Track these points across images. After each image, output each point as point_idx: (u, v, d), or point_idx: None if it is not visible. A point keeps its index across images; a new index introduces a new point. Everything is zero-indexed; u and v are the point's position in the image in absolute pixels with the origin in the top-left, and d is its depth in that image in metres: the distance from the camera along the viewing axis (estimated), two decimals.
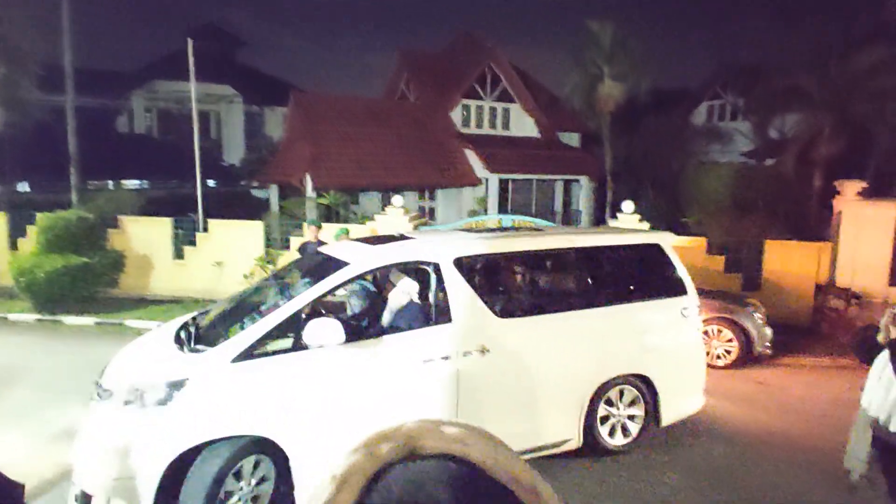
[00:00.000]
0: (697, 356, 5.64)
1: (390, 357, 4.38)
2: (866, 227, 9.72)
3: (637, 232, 6.09)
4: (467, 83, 19.86)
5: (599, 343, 5.11)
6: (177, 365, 3.98)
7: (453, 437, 0.54)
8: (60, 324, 9.47)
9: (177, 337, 4.42)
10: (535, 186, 20.32)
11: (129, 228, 11.51)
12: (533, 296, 5.61)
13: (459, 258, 4.77)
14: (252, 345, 3.99)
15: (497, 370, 4.66)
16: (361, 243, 5.28)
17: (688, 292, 5.54)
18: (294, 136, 18.30)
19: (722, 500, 4.61)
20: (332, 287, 4.41)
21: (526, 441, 4.78)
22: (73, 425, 5.63)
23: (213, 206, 14.76)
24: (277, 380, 4.01)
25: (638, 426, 5.35)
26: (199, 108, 14.02)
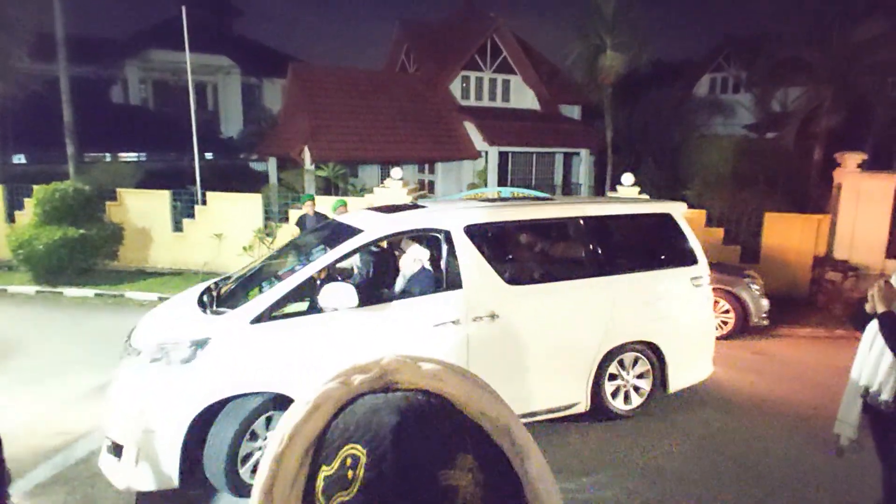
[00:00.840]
0: (707, 325, 5.71)
1: (401, 321, 4.54)
2: (865, 199, 9.70)
3: (649, 202, 6.14)
4: (468, 54, 19.57)
5: (608, 311, 5.21)
6: (200, 325, 4.20)
7: (429, 372, 0.54)
8: (60, 295, 9.51)
9: (200, 300, 4.65)
10: (535, 159, 20.19)
11: (127, 201, 11.47)
12: (542, 264, 5.73)
13: (470, 226, 4.88)
14: (270, 307, 4.19)
15: (506, 335, 4.80)
16: (375, 212, 5.40)
17: (699, 262, 5.59)
18: (293, 109, 18.12)
19: (716, 465, 4.69)
20: (346, 253, 4.58)
21: (535, 403, 4.97)
22: (77, 392, 5.71)
23: (212, 178, 14.69)
24: (294, 340, 4.20)
25: (645, 392, 5.49)
26: (195, 79, 13.84)
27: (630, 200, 6.51)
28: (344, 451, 0.47)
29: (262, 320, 4.15)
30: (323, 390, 0.53)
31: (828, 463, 4.59)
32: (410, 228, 4.97)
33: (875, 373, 3.28)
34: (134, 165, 18.05)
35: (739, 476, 4.55)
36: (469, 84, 20.13)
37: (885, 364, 3.22)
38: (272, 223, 11.14)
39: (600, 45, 17.35)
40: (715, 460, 4.78)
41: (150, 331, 4.37)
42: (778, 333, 8.36)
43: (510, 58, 20.23)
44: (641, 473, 4.55)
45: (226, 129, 27.45)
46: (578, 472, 4.55)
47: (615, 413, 5.38)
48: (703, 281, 5.61)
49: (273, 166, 18.84)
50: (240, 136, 25.35)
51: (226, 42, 27.60)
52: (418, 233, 5.03)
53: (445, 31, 21.05)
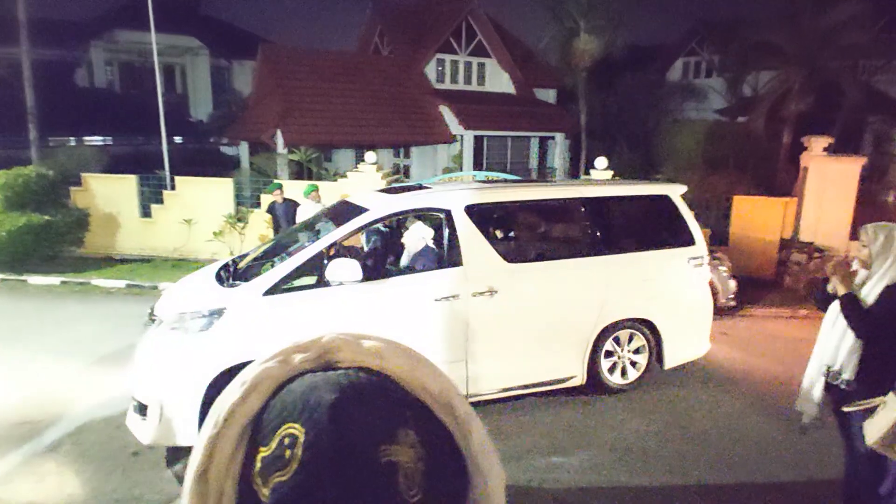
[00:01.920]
0: (704, 304, 5.84)
1: (403, 295, 4.81)
2: (830, 182, 9.92)
3: (647, 184, 6.31)
4: (442, 37, 19.38)
5: (604, 288, 5.38)
6: (217, 296, 4.53)
7: (370, 349, 0.53)
8: (25, 283, 9.25)
9: (217, 275, 4.99)
10: (511, 143, 20.19)
11: (92, 186, 11.17)
12: (540, 243, 5.94)
13: (471, 206, 5.09)
14: (280, 280, 4.53)
15: (504, 310, 5.02)
16: (381, 192, 5.70)
17: (696, 243, 5.73)
18: (264, 91, 17.78)
19: (681, 442, 4.80)
20: (352, 230, 4.86)
21: (533, 375, 5.24)
22: (47, 380, 5.59)
23: (181, 163, 14.40)
24: (302, 311, 4.51)
25: (641, 367, 5.67)
26: (163, 60, 13.49)
27: (630, 183, 6.69)
28: (282, 430, 0.46)
29: (273, 292, 4.48)
30: (261, 369, 0.51)
31: (792, 440, 4.73)
32: (413, 208, 5.19)
33: (836, 352, 3.36)
34: (100, 150, 17.54)
35: (703, 453, 4.67)
36: (444, 67, 19.98)
37: (847, 344, 3.29)
38: (244, 208, 10.97)
39: (574, 28, 17.37)
40: (680, 438, 4.89)
41: (172, 301, 4.69)
42: (744, 314, 8.55)
43: (485, 41, 20.10)
44: (609, 451, 4.64)
45: (195, 113, 26.84)
46: (548, 451, 4.62)
47: (611, 387, 5.57)
48: (701, 261, 5.76)
49: (245, 150, 18.52)
50: (210, 120, 24.79)
51: (194, 22, 26.88)
52: (421, 212, 5.28)
53: (419, 12, 20.79)
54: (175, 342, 4.33)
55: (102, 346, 6.52)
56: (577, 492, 4.14)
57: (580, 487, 4.18)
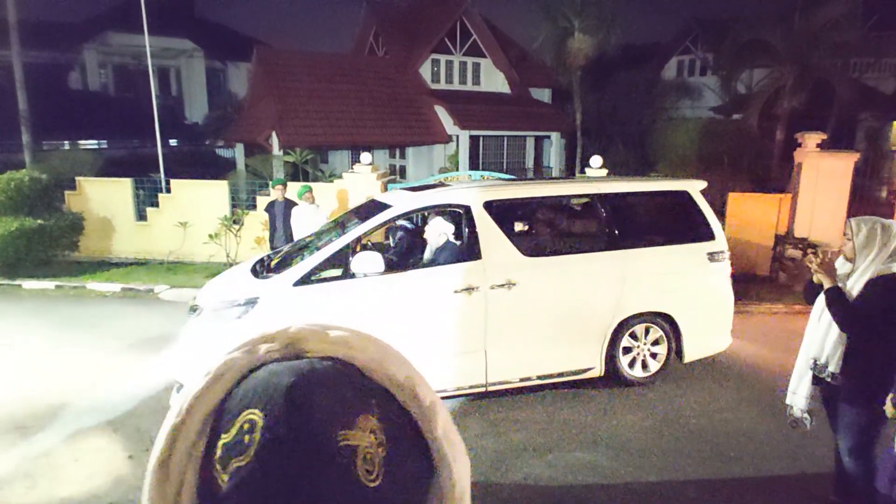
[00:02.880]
0: (724, 298, 5.86)
1: (424, 286, 5.06)
2: (824, 178, 9.94)
3: (667, 180, 6.40)
4: (437, 37, 19.39)
5: (621, 282, 5.47)
6: (251, 287, 4.97)
7: (337, 339, 0.53)
8: (20, 288, 9.22)
9: (253, 268, 5.43)
10: (507, 142, 20.21)
11: (87, 190, 11.13)
12: (558, 237, 6.06)
13: (489, 202, 5.29)
14: (309, 272, 4.89)
15: (522, 302, 5.19)
16: (405, 190, 6.02)
17: (716, 238, 5.76)
18: (259, 93, 17.77)
19: (677, 438, 4.81)
20: (376, 225, 5.17)
21: (551, 366, 5.40)
22: (32, 394, 5.57)
23: (177, 166, 14.36)
24: (329, 300, 4.84)
25: (660, 361, 5.78)
26: (157, 63, 13.48)
27: (649, 179, 6.76)
28: (242, 416, 0.46)
29: (303, 283, 4.84)
30: (225, 360, 0.51)
31: (785, 434, 4.74)
32: (433, 204, 5.40)
33: (822, 345, 3.38)
34: (94, 153, 17.49)
35: (699, 449, 4.67)
36: (439, 67, 19.98)
37: (833, 337, 3.31)
38: (239, 210, 10.95)
39: (568, 27, 17.39)
40: (676, 434, 4.90)
41: (211, 292, 5.17)
42: (739, 310, 8.54)
43: (480, 41, 20.11)
44: (606, 447, 4.65)
45: (190, 115, 26.81)
46: (543, 450, 4.62)
47: (629, 379, 5.66)
48: (720, 256, 5.79)
49: (240, 152, 18.50)
50: (205, 122, 24.75)
51: (188, 25, 26.84)
52: (441, 208, 5.45)
53: (414, 13, 20.81)
54: (214, 329, 4.69)
55: (99, 350, 6.50)
56: (581, 489, 4.14)
57: (583, 485, 4.19)
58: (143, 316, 7.88)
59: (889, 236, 3.16)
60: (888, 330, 3.14)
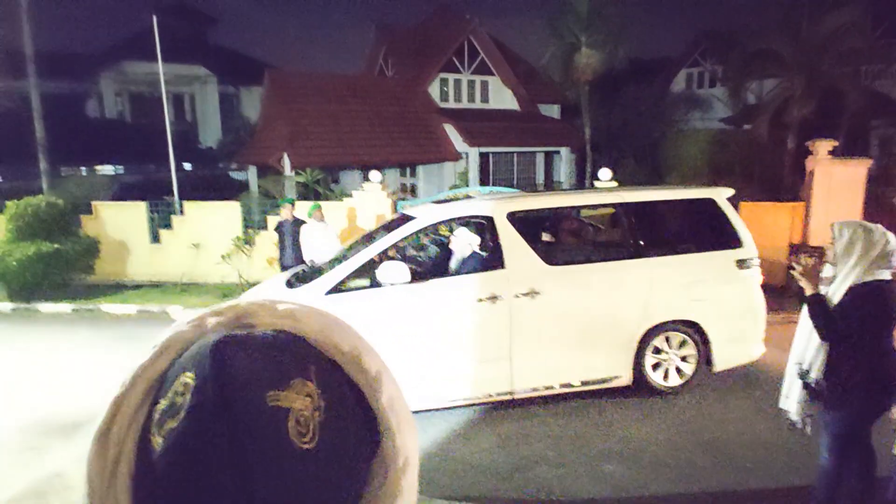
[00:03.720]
0: (754, 306, 5.75)
1: (448, 295, 5.18)
2: (837, 186, 9.82)
3: (692, 188, 6.36)
4: (445, 57, 19.61)
5: (647, 291, 5.46)
6: (284, 297, 4.64)
7: (284, 312, 0.54)
8: (37, 312, 9.37)
9: (288, 281, 5.67)
10: (516, 158, 20.27)
11: (102, 214, 11.34)
12: (582, 246, 6.15)
13: (512, 213, 5.40)
14: (340, 281, 5.11)
15: (546, 311, 5.25)
16: (432, 203, 6.23)
17: (744, 245, 5.71)
18: (271, 116, 18.03)
19: (691, 450, 4.72)
20: (402, 237, 5.34)
21: (577, 374, 5.44)
22: (46, 414, 5.61)
23: (191, 189, 14.59)
24: (359, 308, 5.01)
25: (690, 370, 5.70)
26: (172, 90, 13.78)
27: (674, 187, 6.75)
28: (178, 381, 0.47)
29: (334, 292, 5.06)
30: (172, 332, 0.52)
31: (803, 445, 4.63)
32: (457, 216, 5.53)
33: (805, 351, 3.34)
34: (111, 178, 17.84)
35: (714, 459, 4.58)
36: (448, 86, 20.17)
37: (815, 343, 3.26)
38: (251, 231, 11.06)
39: (575, 43, 17.50)
40: (691, 444, 4.81)
41: None
42: None
43: (487, 59, 20.30)
44: (619, 459, 4.57)
45: (204, 139, 27.28)
46: (555, 463, 4.56)
47: (658, 388, 5.63)
48: (751, 263, 5.72)
49: (253, 174, 18.74)
50: (218, 146, 25.18)
51: (202, 52, 27.45)
52: (465, 219, 5.59)
53: (422, 34, 21.09)
54: None
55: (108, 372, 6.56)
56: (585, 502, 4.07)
57: (596, 498, 4.11)
58: (157, 337, 7.93)
59: (871, 241, 3.09)
60: (867, 337, 3.10)
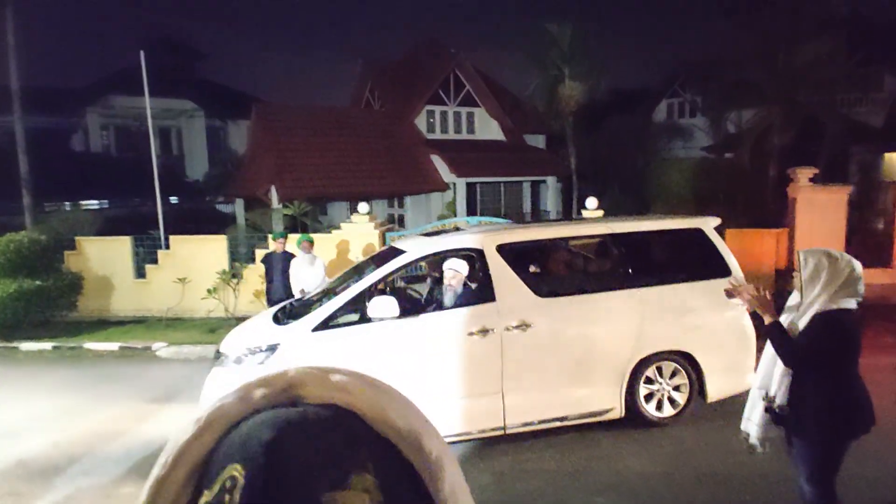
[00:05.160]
0: (744, 335, 5.72)
1: (438, 329, 5.15)
2: (819, 212, 9.99)
3: (680, 218, 6.38)
4: (431, 89, 19.87)
5: (638, 321, 5.46)
6: (272, 333, 5.16)
7: (337, 384, 0.49)
8: (16, 350, 9.13)
9: (275, 316, 5.62)
10: (503, 188, 20.41)
11: (86, 249, 11.17)
12: (572, 277, 6.10)
13: (501, 245, 5.39)
14: (327, 318, 5.04)
15: (538, 343, 5.22)
16: (421, 236, 6.26)
17: (732, 274, 5.69)
18: (258, 149, 18.06)
19: (690, 482, 4.64)
20: (392, 271, 5.32)
21: (569, 408, 5.36)
22: (26, 458, 5.42)
23: (177, 223, 14.43)
24: (347, 344, 4.99)
25: (682, 400, 5.65)
26: (159, 123, 13.78)
27: (662, 217, 6.76)
28: (225, 472, 0.42)
29: (321, 329, 5.00)
30: (217, 406, 0.47)
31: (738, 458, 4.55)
32: (447, 249, 5.54)
33: (770, 376, 3.34)
34: (95, 213, 17.66)
35: (713, 493, 4.50)
36: (434, 118, 20.39)
37: (779, 369, 3.28)
38: (238, 264, 10.95)
39: (558, 75, 17.83)
40: (688, 477, 4.73)
41: (235, 339, 5.34)
42: None
43: (473, 91, 20.60)
44: (616, 495, 4.48)
45: (191, 173, 27.21)
46: (552, 500, 4.45)
47: (651, 420, 5.58)
48: None
49: (240, 207, 18.66)
50: (205, 179, 25.09)
51: (188, 86, 27.58)
52: (454, 253, 5.56)
53: (408, 67, 21.40)
54: (237, 377, 4.72)
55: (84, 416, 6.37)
56: None
57: None
58: (139, 377, 7.75)
59: (836, 270, 3.09)
60: (830, 366, 3.12)
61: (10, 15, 12.89)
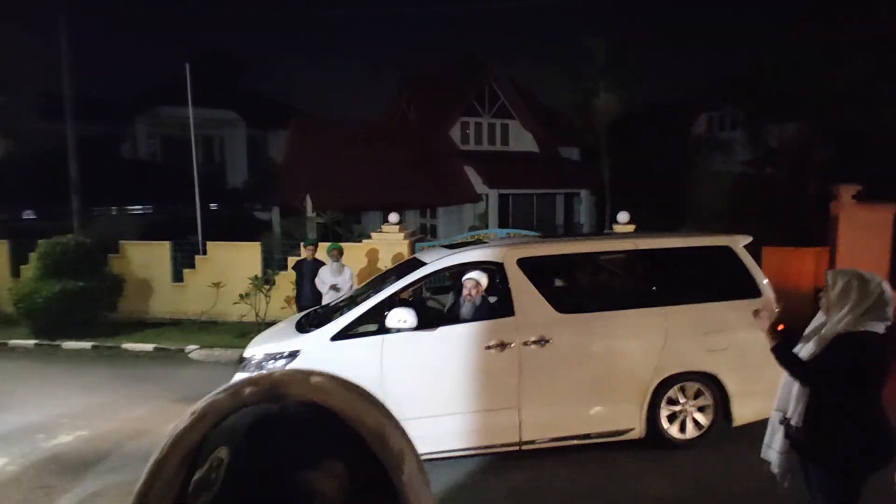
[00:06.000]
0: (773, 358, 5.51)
1: (455, 342, 5.14)
2: (862, 231, 9.62)
3: (708, 235, 6.26)
4: (466, 101, 20.04)
5: (661, 341, 5.34)
6: (294, 341, 5.25)
7: (316, 385, 0.56)
8: (58, 348, 9.53)
9: (299, 323, 5.70)
10: (536, 200, 20.35)
11: (128, 252, 11.61)
12: (594, 294, 6.05)
13: (522, 259, 5.37)
14: (345, 327, 5.11)
15: (557, 359, 5.18)
16: (443, 248, 6.29)
17: (762, 294, 5.53)
18: (295, 159, 18.50)
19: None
20: (411, 282, 5.38)
21: (587, 426, 5.27)
22: (60, 452, 5.64)
23: (216, 228, 14.86)
24: (364, 354, 5.04)
25: (706, 423, 5.50)
26: (202, 132, 14.27)
27: (689, 234, 6.64)
28: (213, 454, 0.49)
29: (339, 338, 5.07)
30: (210, 401, 0.55)
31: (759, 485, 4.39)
32: (467, 261, 5.53)
33: (788, 396, 3.25)
34: (139, 217, 18.37)
35: None
36: (469, 129, 20.52)
37: (796, 390, 3.19)
38: (270, 270, 11.19)
39: (593, 87, 17.73)
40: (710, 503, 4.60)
41: (259, 346, 5.44)
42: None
43: (508, 103, 20.66)
44: None
45: (231, 181, 28.00)
46: None
47: (673, 441, 5.44)
48: None
49: (276, 215, 19.10)
50: (244, 187, 25.82)
51: (232, 96, 28.45)
52: (474, 266, 5.55)
53: (444, 79, 21.61)
54: None
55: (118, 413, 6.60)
56: None
57: None
58: (171, 377, 7.99)
59: (866, 292, 2.99)
60: (849, 390, 3.01)
61: (65, 29, 13.60)
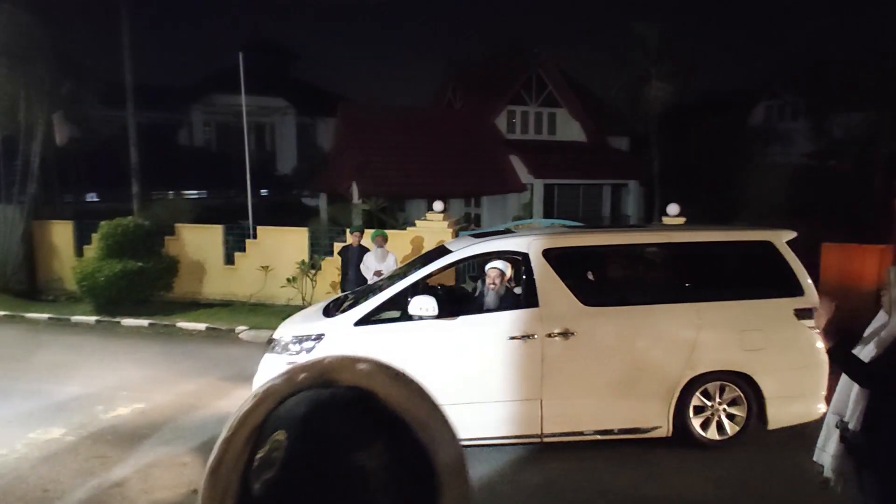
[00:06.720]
0: (814, 360, 5.22)
1: (479, 331, 5.17)
2: None
3: (749, 229, 6.06)
4: (513, 89, 19.82)
5: (692, 337, 5.19)
6: (319, 325, 5.39)
7: (362, 371, 0.62)
8: (118, 325, 10.03)
9: (326, 308, 5.83)
10: (582, 191, 20.03)
11: (183, 235, 12.08)
12: (623, 287, 5.99)
13: (548, 250, 5.29)
14: (369, 313, 5.20)
15: (581, 352, 5.10)
16: (469, 237, 6.29)
17: (804, 293, 5.30)
18: (342, 146, 18.76)
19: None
20: (435, 270, 5.40)
21: (610, 421, 5.16)
22: (117, 424, 5.95)
23: (266, 214, 15.29)
24: (386, 339, 5.15)
25: (738, 424, 5.33)
26: (254, 120, 14.63)
27: (727, 228, 6.46)
28: (274, 435, 0.56)
29: (362, 323, 5.16)
30: (269, 385, 0.62)
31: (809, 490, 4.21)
32: (492, 251, 5.51)
33: (845, 399, 3.10)
34: (194, 202, 19.05)
35: None
36: (515, 118, 20.31)
37: (855, 393, 3.04)
38: (317, 256, 11.44)
39: (645, 75, 17.24)
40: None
41: (287, 328, 5.59)
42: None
43: (555, 91, 20.33)
44: None
45: (281, 167, 28.63)
46: None
47: (702, 441, 5.29)
48: (809, 314, 5.19)
49: (324, 201, 19.45)
50: (293, 173, 26.36)
51: (283, 85, 29.00)
52: (499, 255, 5.54)
53: (491, 67, 21.43)
54: (286, 362, 4.87)
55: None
56: None
57: None
58: (221, 356, 8.31)
59: None
60: None
61: (126, 18, 14.15)
